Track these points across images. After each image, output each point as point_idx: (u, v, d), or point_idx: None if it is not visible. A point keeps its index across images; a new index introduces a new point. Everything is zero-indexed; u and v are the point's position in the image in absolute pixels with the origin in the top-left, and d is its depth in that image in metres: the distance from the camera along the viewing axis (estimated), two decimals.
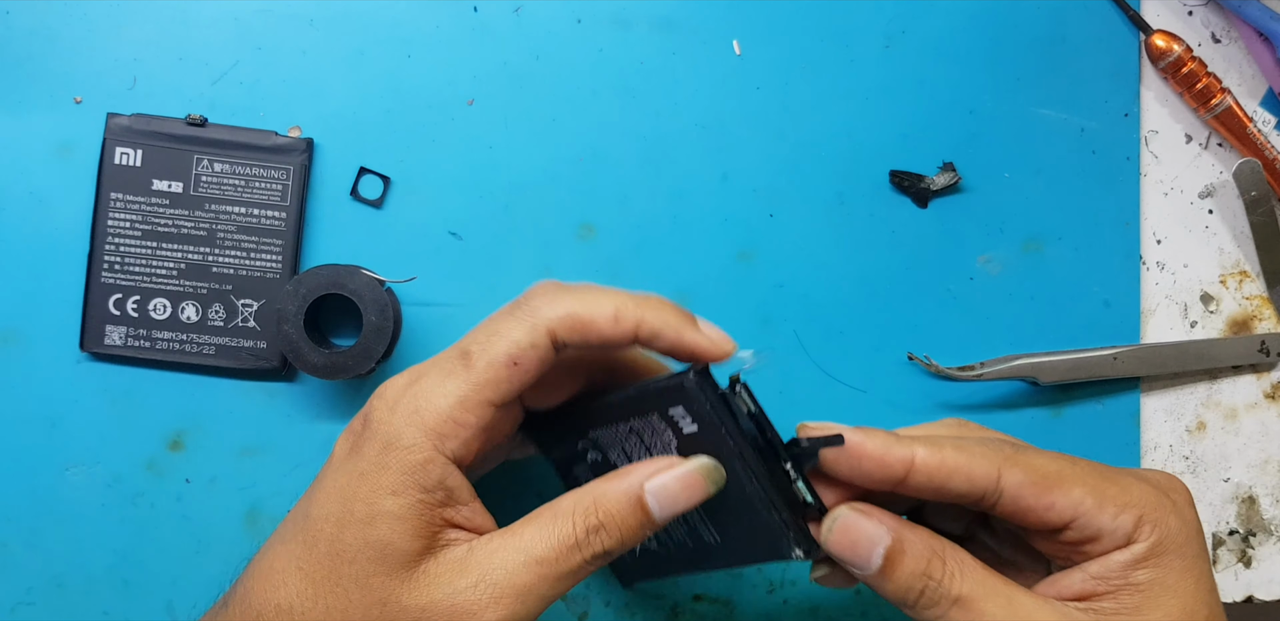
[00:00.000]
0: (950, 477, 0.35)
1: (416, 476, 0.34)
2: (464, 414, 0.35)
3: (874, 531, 0.35)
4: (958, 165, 0.51)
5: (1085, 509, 0.35)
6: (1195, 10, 0.54)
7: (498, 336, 0.35)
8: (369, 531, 0.34)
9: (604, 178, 0.49)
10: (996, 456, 0.36)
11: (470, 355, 0.35)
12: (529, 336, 0.35)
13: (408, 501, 0.34)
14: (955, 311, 0.51)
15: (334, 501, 0.35)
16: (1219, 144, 0.54)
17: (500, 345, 0.35)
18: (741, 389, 0.36)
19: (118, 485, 0.47)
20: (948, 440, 0.36)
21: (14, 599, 0.46)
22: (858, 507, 0.36)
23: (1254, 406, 0.54)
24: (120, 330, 0.46)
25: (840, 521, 0.36)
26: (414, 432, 0.35)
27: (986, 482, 0.35)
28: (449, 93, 0.49)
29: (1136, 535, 0.35)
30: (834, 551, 0.36)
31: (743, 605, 0.50)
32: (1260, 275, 0.54)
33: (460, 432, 0.35)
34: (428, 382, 0.35)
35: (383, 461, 0.35)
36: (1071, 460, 0.37)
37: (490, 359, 0.35)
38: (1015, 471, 0.36)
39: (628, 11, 0.50)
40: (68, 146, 0.46)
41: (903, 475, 0.35)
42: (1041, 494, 0.35)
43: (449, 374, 0.35)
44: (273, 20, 0.48)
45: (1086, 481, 0.36)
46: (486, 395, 0.35)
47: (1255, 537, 0.54)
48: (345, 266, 0.44)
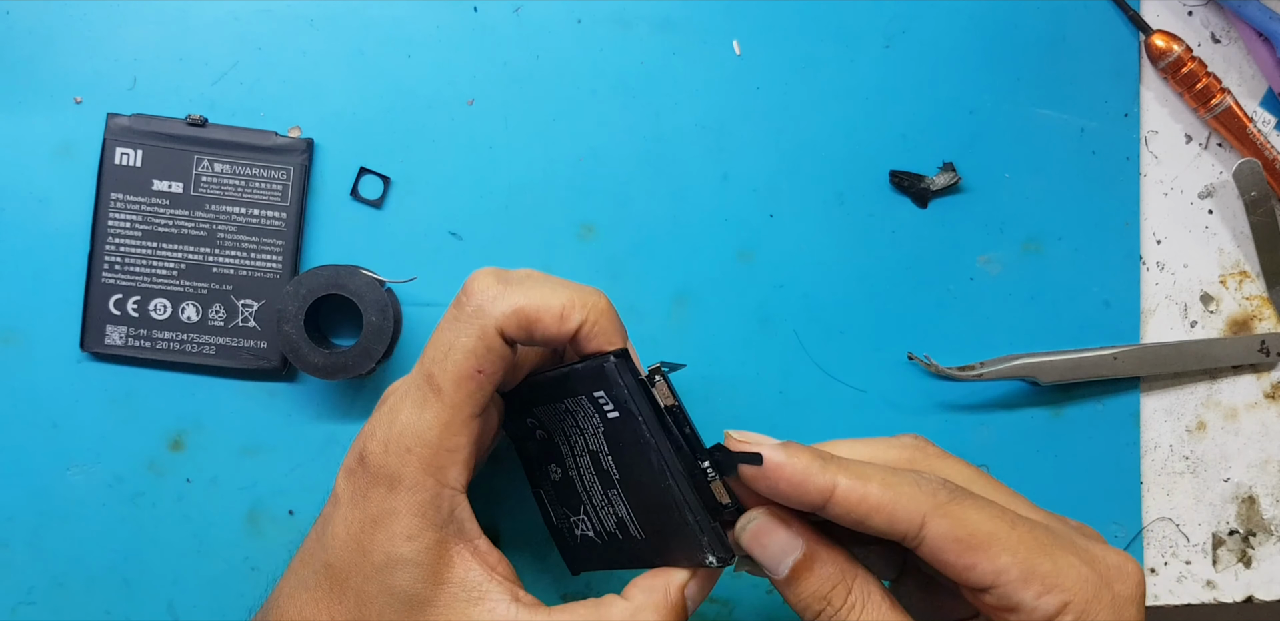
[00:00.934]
0: (870, 514, 0.34)
1: (428, 516, 0.35)
2: (452, 438, 0.35)
3: (787, 542, 0.35)
4: (958, 165, 0.51)
5: (1007, 580, 0.33)
6: (1195, 10, 0.54)
7: (453, 350, 0.35)
8: (389, 581, 0.35)
9: (604, 178, 0.49)
10: (926, 501, 0.34)
11: (434, 378, 0.35)
12: (482, 342, 0.35)
13: (423, 544, 0.35)
14: (955, 311, 0.51)
15: (351, 551, 0.35)
16: (1219, 144, 0.54)
17: (458, 358, 0.35)
18: (660, 380, 0.36)
19: (118, 485, 0.47)
20: (877, 473, 0.34)
21: (15, 598, 0.46)
22: (777, 514, 0.35)
23: (1254, 406, 0.54)
24: (121, 330, 0.46)
25: (755, 525, 0.35)
26: (413, 472, 0.35)
27: (908, 527, 0.33)
28: (449, 93, 0.49)
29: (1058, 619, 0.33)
30: (745, 549, 0.35)
31: (742, 605, 0.50)
32: (1260, 275, 0.54)
33: (456, 458, 0.35)
34: (406, 417, 0.36)
35: (391, 506, 0.35)
36: (1013, 520, 0.34)
37: (455, 376, 0.35)
38: (942, 523, 0.33)
39: (628, 11, 0.50)
40: (68, 146, 0.46)
41: (820, 504, 0.34)
42: (964, 553, 0.33)
43: (423, 402, 0.35)
44: (273, 20, 0.48)
45: (1018, 550, 0.33)
46: (465, 412, 0.35)
47: (1255, 537, 0.54)
48: (345, 266, 0.44)
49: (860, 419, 0.50)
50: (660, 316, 0.50)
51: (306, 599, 0.36)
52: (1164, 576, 0.53)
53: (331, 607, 0.36)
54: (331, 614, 0.36)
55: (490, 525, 0.48)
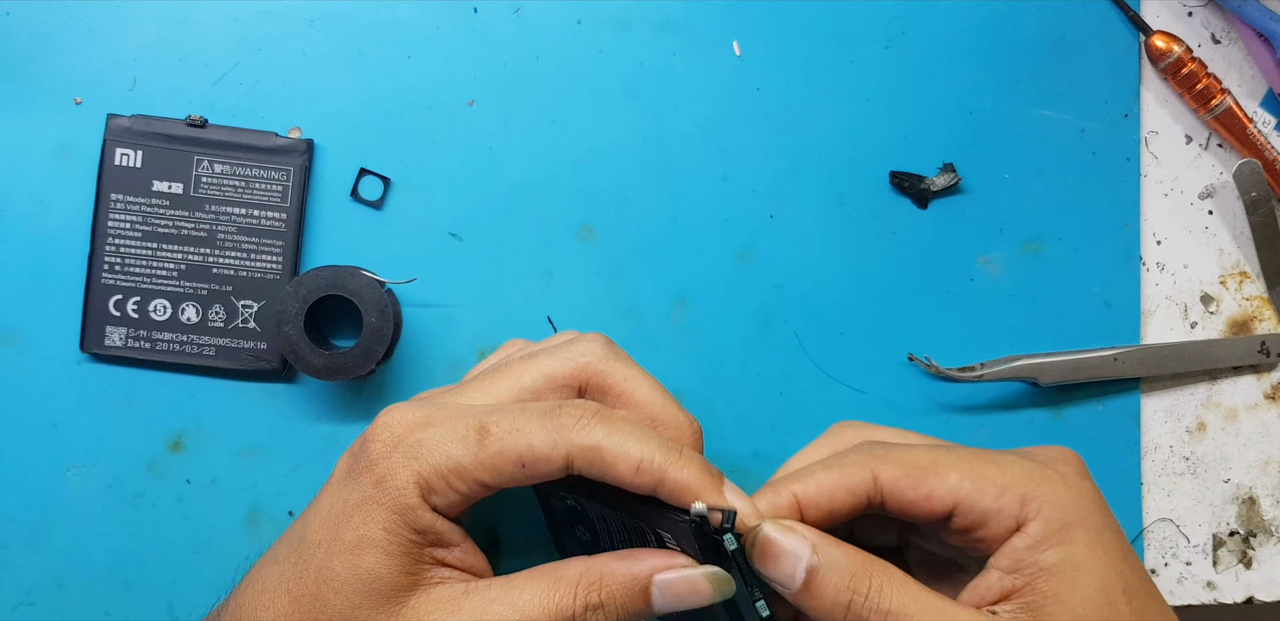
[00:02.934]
0: (833, 499, 0.36)
1: (406, 518, 0.35)
2: (456, 480, 0.35)
3: (794, 546, 0.35)
4: (958, 166, 0.51)
5: (964, 493, 0.35)
6: (1195, 11, 0.54)
7: (520, 434, 0.35)
8: (357, 561, 0.34)
9: (604, 178, 0.49)
10: (866, 459, 0.36)
11: (488, 435, 0.35)
12: (548, 451, 0.35)
13: (397, 539, 0.34)
14: (955, 312, 0.51)
15: (326, 527, 0.35)
16: (1219, 145, 0.54)
17: (518, 444, 0.35)
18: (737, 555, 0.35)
19: (118, 486, 0.47)
20: (818, 469, 0.36)
21: (15, 599, 0.46)
22: (780, 523, 0.35)
23: (1254, 407, 0.54)
24: (120, 331, 0.46)
25: (760, 537, 0.35)
26: (406, 476, 0.35)
27: (865, 487, 0.36)
28: (449, 93, 0.49)
29: (1025, 515, 0.35)
30: (757, 566, 0.35)
31: None
32: (1260, 276, 0.54)
33: (449, 494, 0.35)
34: (435, 436, 0.35)
35: (375, 496, 0.35)
36: (948, 448, 0.37)
37: (502, 450, 0.35)
38: (887, 468, 0.36)
39: (628, 12, 0.50)
40: (68, 147, 0.46)
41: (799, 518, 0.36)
42: (917, 485, 0.35)
43: (460, 439, 0.35)
44: (273, 21, 0.48)
45: (962, 467, 0.36)
46: (484, 477, 0.35)
47: (1255, 538, 0.54)
48: (345, 267, 0.44)
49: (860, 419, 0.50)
50: (660, 317, 0.49)
51: (272, 571, 0.36)
52: (1164, 577, 0.53)
53: (291, 581, 0.35)
54: (289, 587, 0.35)
55: (490, 527, 0.48)
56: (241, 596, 0.37)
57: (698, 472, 0.35)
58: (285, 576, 0.35)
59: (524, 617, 0.34)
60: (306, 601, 0.35)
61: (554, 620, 0.34)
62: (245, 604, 0.36)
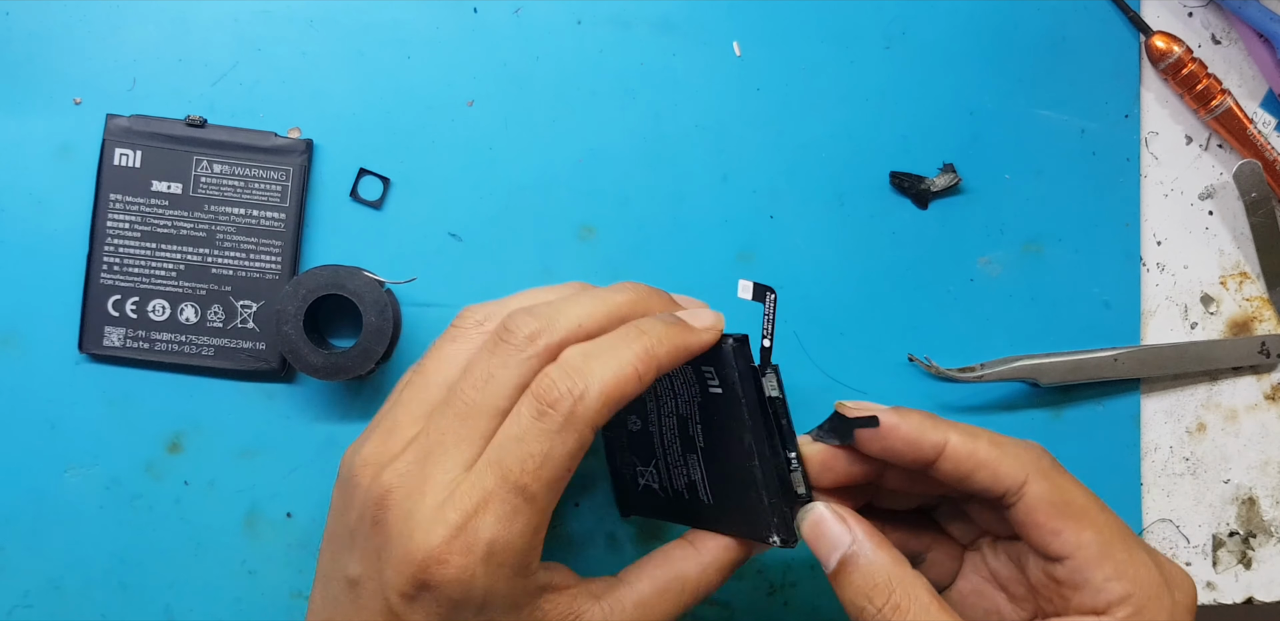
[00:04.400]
0: (977, 469, 0.36)
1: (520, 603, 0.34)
2: (538, 537, 0.34)
3: (838, 535, 0.36)
4: (958, 166, 0.51)
5: (1086, 554, 0.35)
6: (1195, 11, 0.54)
7: (550, 460, 0.33)
8: None
9: (604, 179, 0.49)
10: (1032, 463, 0.36)
11: (527, 488, 0.33)
12: (578, 445, 0.34)
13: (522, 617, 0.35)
14: (955, 312, 0.51)
15: None
16: (1219, 145, 0.54)
17: (556, 467, 0.34)
18: (771, 372, 0.38)
19: (116, 487, 0.46)
20: (985, 433, 0.37)
21: (11, 602, 0.46)
22: (835, 509, 0.36)
23: (1254, 408, 0.54)
24: (119, 331, 0.46)
25: (812, 516, 0.36)
26: (507, 583, 0.34)
27: (1011, 483, 0.36)
28: (449, 94, 0.49)
29: (1116, 610, 0.34)
30: (804, 538, 0.37)
31: (743, 607, 0.50)
32: (1260, 276, 0.54)
33: (539, 552, 0.35)
34: (492, 530, 0.33)
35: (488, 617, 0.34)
36: (1104, 506, 0.36)
37: (549, 483, 0.33)
38: (1044, 484, 0.35)
39: (628, 12, 0.50)
40: (67, 147, 0.46)
41: (932, 459, 0.36)
42: (1056, 517, 0.35)
43: (514, 513, 0.33)
44: (272, 21, 0.48)
45: (1103, 531, 0.35)
46: (551, 509, 0.34)
47: (1255, 539, 0.54)
48: (345, 267, 0.44)
49: None
50: None
51: None
52: None
53: None
54: None
55: None
56: None
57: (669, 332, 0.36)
58: None
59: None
60: None
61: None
62: None
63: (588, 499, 0.49)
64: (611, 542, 0.49)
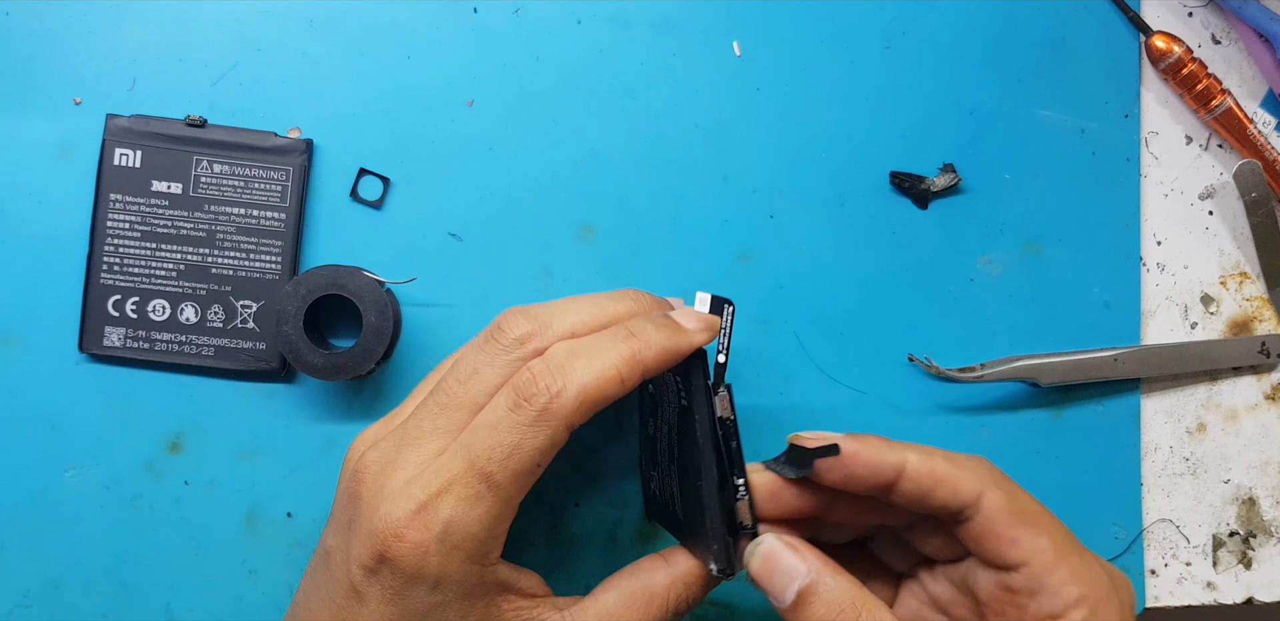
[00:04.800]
0: (936, 486, 0.36)
1: (475, 595, 0.35)
2: (499, 527, 0.35)
3: (794, 567, 0.35)
4: (958, 166, 0.51)
5: (1042, 560, 0.35)
6: (1195, 11, 0.54)
7: (519, 451, 0.34)
8: None
9: (604, 179, 0.49)
10: (986, 476, 0.36)
11: (492, 476, 0.34)
12: (549, 440, 0.34)
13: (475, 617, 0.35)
14: (955, 313, 0.51)
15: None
16: (1219, 145, 0.54)
17: (524, 459, 0.34)
18: (725, 391, 0.37)
19: (116, 487, 0.46)
20: (939, 452, 0.37)
21: (11, 601, 0.46)
22: (787, 540, 0.36)
23: (1254, 408, 0.54)
24: (119, 331, 0.46)
25: (764, 548, 0.36)
26: (460, 566, 0.34)
27: (968, 496, 0.36)
28: (449, 93, 0.49)
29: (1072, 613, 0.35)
30: (752, 576, 0.36)
31: (743, 607, 0.50)
32: (1260, 276, 0.54)
33: (499, 541, 0.35)
34: (452, 512, 0.34)
35: (436, 599, 0.34)
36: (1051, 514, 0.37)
37: (515, 474, 0.34)
38: (999, 495, 0.36)
39: (628, 12, 0.50)
40: (67, 147, 0.46)
41: (892, 480, 0.36)
42: (1013, 526, 0.35)
43: (475, 499, 0.34)
44: (272, 21, 0.48)
45: (1056, 537, 0.36)
46: (516, 503, 0.35)
47: (1255, 539, 0.54)
48: (345, 267, 0.44)
49: (860, 420, 0.50)
50: None
51: None
52: (1164, 578, 0.53)
53: None
54: None
55: None
56: None
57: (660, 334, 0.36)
58: None
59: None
60: None
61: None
62: None
63: (587, 499, 0.49)
64: (611, 542, 0.49)
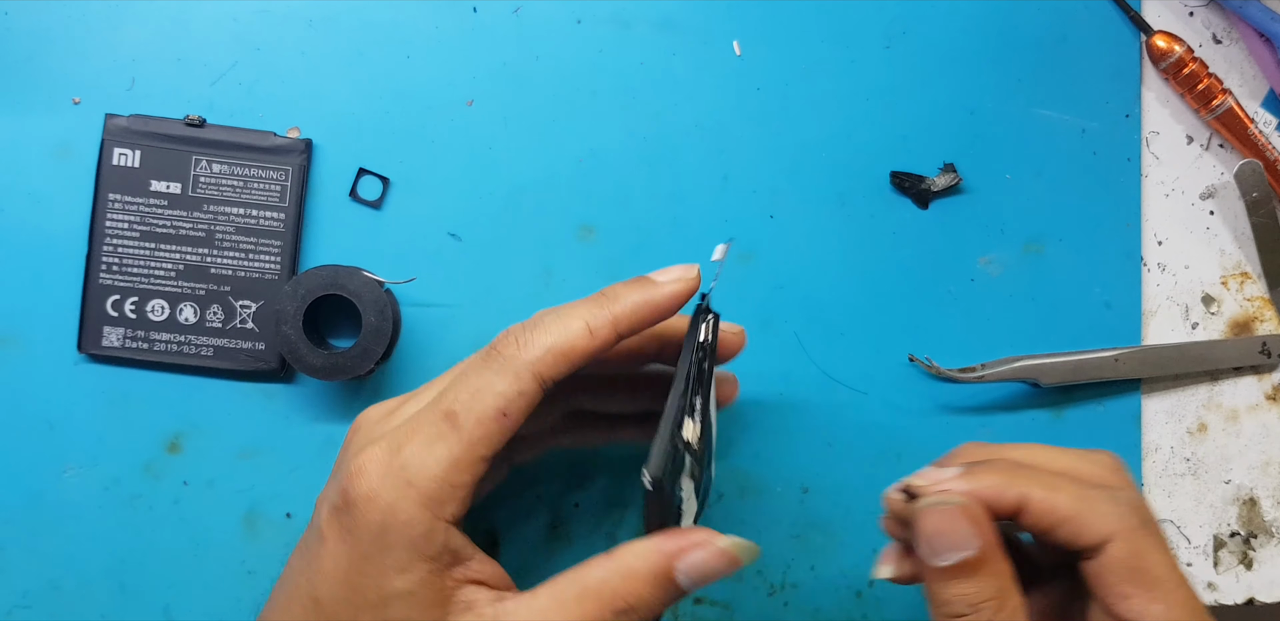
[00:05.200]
0: (1059, 525, 0.35)
1: (420, 549, 0.34)
2: (458, 475, 0.34)
3: (970, 535, 0.34)
4: (958, 166, 0.51)
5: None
6: (1196, 11, 0.54)
7: (482, 392, 0.35)
8: (384, 613, 0.34)
9: (604, 178, 0.49)
10: (1118, 521, 0.35)
11: (456, 416, 0.34)
12: (515, 386, 0.35)
13: (417, 576, 0.34)
14: (956, 313, 0.51)
15: (341, 586, 0.34)
16: (1220, 145, 0.54)
17: (487, 400, 0.35)
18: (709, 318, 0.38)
19: (115, 487, 0.46)
20: (1068, 485, 0.35)
21: (10, 602, 0.46)
22: (972, 509, 0.35)
23: (1255, 408, 0.54)
24: (118, 331, 0.46)
25: (945, 509, 0.35)
26: (409, 506, 0.34)
27: (1090, 542, 0.35)
28: (448, 93, 0.49)
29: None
30: (920, 522, 0.35)
31: (743, 608, 0.50)
32: (1261, 276, 0.54)
33: (456, 494, 0.34)
34: (414, 449, 0.34)
35: (383, 541, 0.34)
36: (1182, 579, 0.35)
37: (479, 416, 0.34)
38: (1124, 547, 0.35)
39: (628, 12, 0.50)
40: (66, 147, 0.46)
41: (1013, 514, 0.35)
42: (1129, 583, 0.34)
43: (437, 437, 0.34)
44: (271, 21, 0.48)
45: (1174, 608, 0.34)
46: (479, 452, 0.35)
47: (1256, 539, 0.54)
48: (344, 267, 0.44)
49: (861, 421, 0.50)
50: None
51: None
52: None
53: None
54: None
55: (490, 528, 0.48)
56: None
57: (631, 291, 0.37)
58: None
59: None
60: None
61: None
62: None
63: (587, 499, 0.49)
64: (611, 542, 0.49)
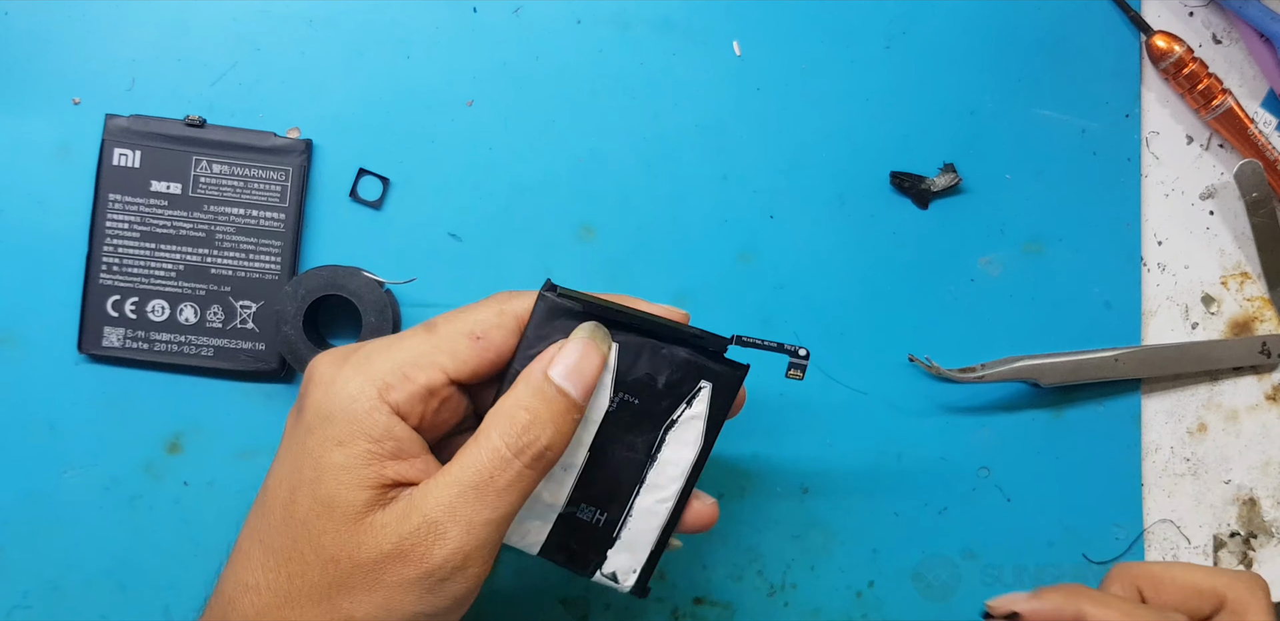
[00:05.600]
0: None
1: (363, 425, 0.34)
2: (414, 369, 0.34)
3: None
4: (958, 166, 0.51)
5: None
6: (1196, 11, 0.54)
7: (465, 313, 0.36)
8: (317, 488, 0.33)
9: (604, 179, 0.49)
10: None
11: (435, 325, 0.36)
12: (496, 317, 0.36)
13: (354, 451, 0.34)
14: (956, 313, 0.51)
15: (284, 466, 0.35)
16: (1220, 145, 0.54)
17: (466, 319, 0.36)
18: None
19: (115, 487, 0.46)
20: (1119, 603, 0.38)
21: (11, 602, 0.46)
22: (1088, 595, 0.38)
23: (1255, 408, 0.54)
24: (118, 332, 0.46)
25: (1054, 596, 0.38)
26: (359, 381, 0.34)
27: None
28: (448, 93, 0.49)
29: None
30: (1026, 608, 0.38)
31: (743, 608, 0.50)
32: (1261, 276, 0.54)
33: (406, 386, 0.34)
34: (381, 342, 0.36)
35: (327, 413, 0.34)
36: None
37: (454, 328, 0.36)
38: None
39: (627, 12, 0.50)
40: (66, 148, 0.46)
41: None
42: None
43: (408, 336, 0.36)
44: (271, 21, 0.48)
45: None
46: (441, 360, 0.35)
47: (1256, 539, 0.54)
48: (344, 267, 0.44)
49: (861, 421, 0.50)
50: None
51: (245, 529, 0.35)
52: None
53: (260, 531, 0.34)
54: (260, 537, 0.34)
55: None
56: (225, 566, 0.36)
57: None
58: (254, 527, 0.35)
59: (463, 485, 0.33)
60: (278, 544, 0.34)
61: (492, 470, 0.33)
62: (226, 571, 0.35)
63: None
64: None
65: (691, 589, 0.49)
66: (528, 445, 0.34)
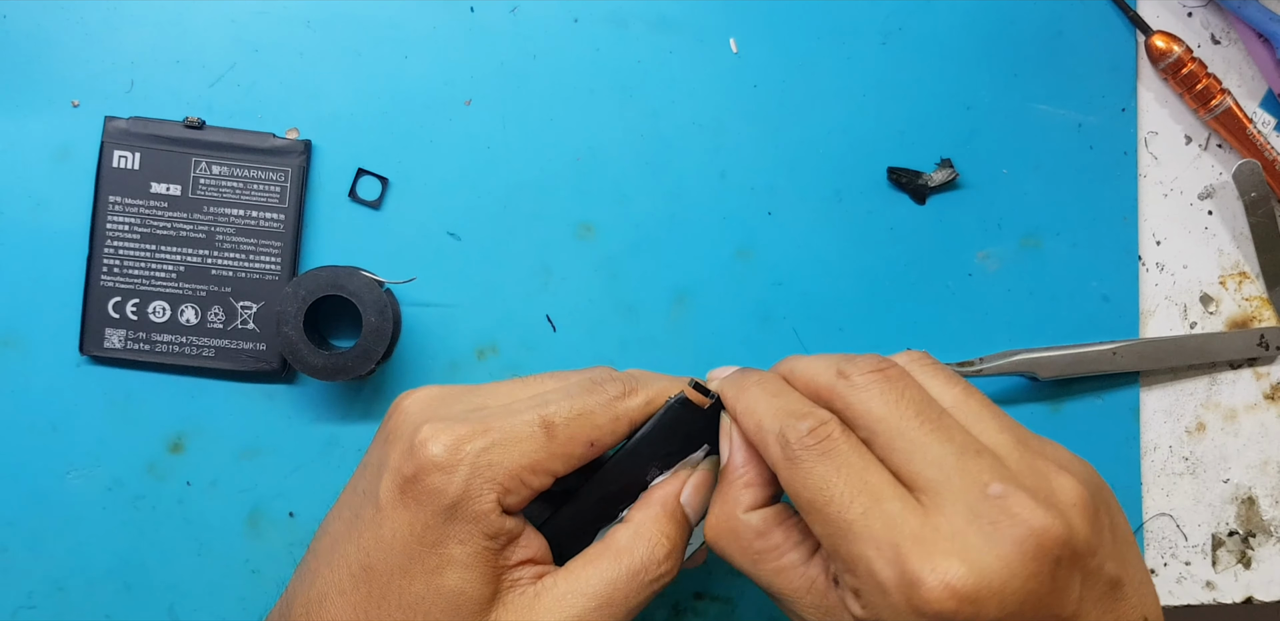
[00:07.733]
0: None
1: (482, 526, 0.35)
2: (531, 476, 0.36)
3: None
4: (955, 161, 0.51)
5: None
6: (1195, 11, 0.54)
7: (583, 418, 0.37)
8: (439, 581, 0.35)
9: (602, 177, 0.49)
10: None
11: (555, 428, 0.36)
12: (612, 424, 0.37)
13: (474, 549, 0.35)
14: (954, 307, 0.51)
15: (398, 553, 0.35)
16: (1218, 145, 0.54)
17: (586, 427, 0.37)
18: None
19: (118, 488, 0.47)
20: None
21: (15, 603, 0.46)
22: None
23: (1253, 407, 0.54)
24: (120, 333, 0.46)
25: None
26: (483, 485, 0.35)
27: None
28: (446, 93, 0.49)
29: None
30: None
31: (744, 603, 0.50)
32: (1260, 276, 0.54)
33: (523, 491, 0.36)
34: (504, 441, 0.36)
35: (450, 512, 0.35)
36: None
37: (572, 436, 0.37)
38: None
39: (625, 10, 0.50)
40: (66, 150, 0.46)
41: None
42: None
43: (530, 439, 0.36)
44: (269, 22, 0.48)
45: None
46: (557, 466, 0.36)
47: (1255, 538, 0.54)
48: (344, 268, 0.44)
49: None
50: (660, 315, 0.49)
51: (341, 603, 0.35)
52: (1164, 577, 0.53)
53: (368, 612, 0.35)
54: (369, 616, 0.35)
55: None
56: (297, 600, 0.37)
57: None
58: (359, 607, 0.35)
59: (598, 601, 0.35)
60: (374, 616, 0.35)
61: (627, 589, 0.36)
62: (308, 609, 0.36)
63: None
64: None
65: (692, 584, 0.50)
66: (666, 573, 0.37)
